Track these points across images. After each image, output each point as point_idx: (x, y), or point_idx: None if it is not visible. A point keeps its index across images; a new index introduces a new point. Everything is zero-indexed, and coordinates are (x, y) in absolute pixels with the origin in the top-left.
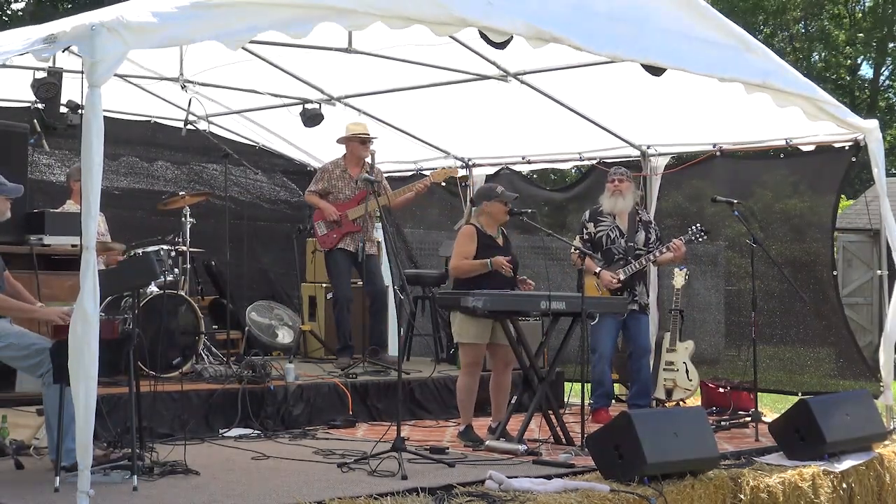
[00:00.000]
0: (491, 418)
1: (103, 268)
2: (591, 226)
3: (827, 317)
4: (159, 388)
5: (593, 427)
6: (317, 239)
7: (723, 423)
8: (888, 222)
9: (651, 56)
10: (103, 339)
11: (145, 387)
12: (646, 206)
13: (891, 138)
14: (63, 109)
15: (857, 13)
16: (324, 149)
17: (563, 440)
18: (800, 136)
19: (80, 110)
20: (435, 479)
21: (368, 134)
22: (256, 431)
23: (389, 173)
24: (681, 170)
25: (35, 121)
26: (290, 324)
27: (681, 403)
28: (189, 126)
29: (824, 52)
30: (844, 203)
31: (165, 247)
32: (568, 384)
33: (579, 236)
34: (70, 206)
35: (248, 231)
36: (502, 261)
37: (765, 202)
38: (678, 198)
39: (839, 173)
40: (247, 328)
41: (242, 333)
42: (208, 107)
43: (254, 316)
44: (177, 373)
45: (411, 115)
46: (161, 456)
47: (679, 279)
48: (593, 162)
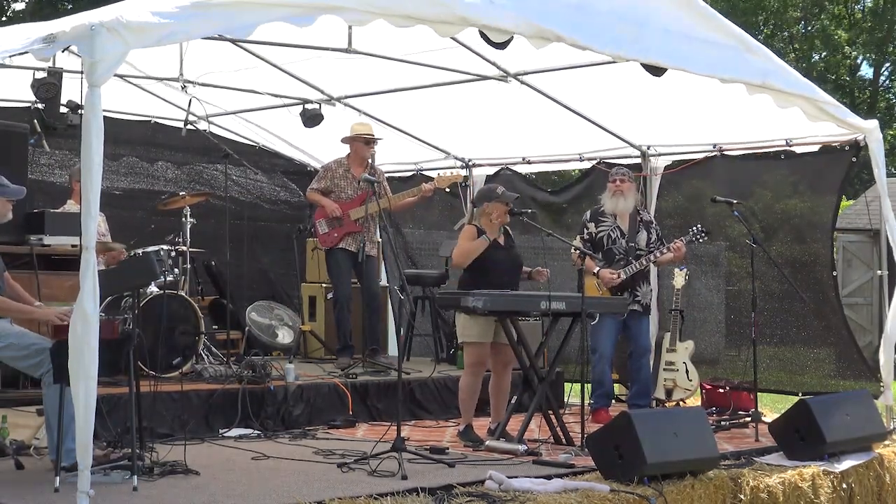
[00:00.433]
0: (490, 419)
1: (103, 268)
2: (591, 226)
3: (827, 317)
4: (159, 388)
5: (593, 427)
6: (317, 238)
7: (723, 423)
8: (888, 222)
9: (652, 56)
10: (103, 339)
11: (145, 387)
12: (646, 206)
13: (891, 138)
14: (63, 109)
15: (857, 13)
16: (324, 149)
17: (563, 440)
18: (800, 136)
19: (80, 110)
20: (435, 479)
21: (373, 135)
22: (256, 431)
23: (389, 174)
24: (681, 170)
25: (35, 121)
26: (290, 324)
27: (681, 403)
28: (189, 126)
29: (824, 52)
30: (844, 203)
31: (165, 247)
32: (568, 384)
33: (580, 236)
34: (71, 206)
35: (248, 231)
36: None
37: (765, 202)
38: (678, 198)
39: (840, 174)
40: (247, 328)
41: (242, 333)
42: (208, 107)
43: (254, 316)
44: (177, 373)
45: (411, 116)
46: (161, 456)
47: (679, 279)
48: (594, 162)
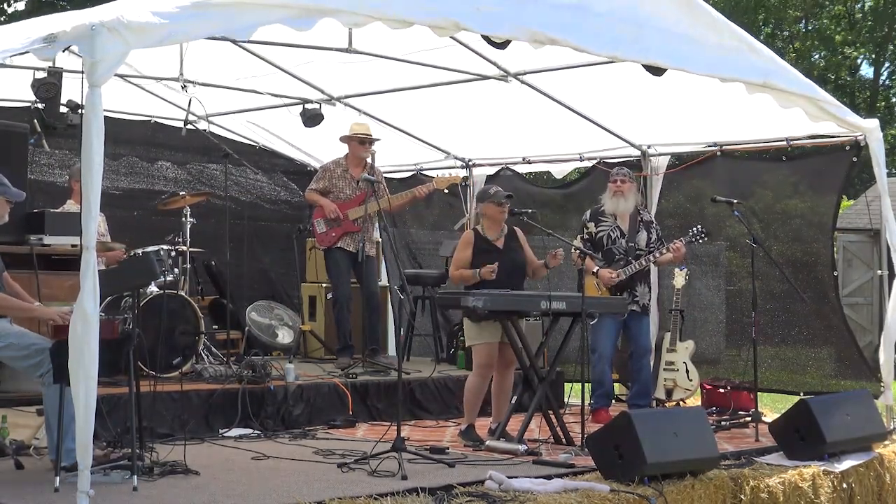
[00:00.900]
0: (491, 419)
1: (103, 268)
2: (591, 225)
3: (827, 317)
4: (159, 388)
5: (593, 427)
6: (315, 237)
7: (723, 423)
8: (889, 222)
9: (652, 57)
10: (103, 339)
11: (145, 387)
12: (646, 206)
13: (891, 138)
14: (63, 109)
15: (857, 13)
16: (324, 149)
17: (563, 440)
18: (800, 136)
19: (80, 110)
20: (435, 479)
21: (369, 135)
22: (256, 431)
23: (389, 174)
24: (681, 170)
25: (35, 121)
26: (290, 324)
27: (681, 403)
28: (189, 126)
29: (824, 51)
30: (845, 203)
31: (165, 247)
32: (568, 384)
33: (580, 236)
34: (71, 206)
35: (248, 231)
36: (486, 271)
37: (765, 202)
38: (679, 198)
39: (840, 173)
40: (247, 328)
41: (242, 333)
42: (208, 107)
43: (254, 316)
44: (177, 373)
45: (411, 116)
46: (161, 456)
47: (679, 279)
48: (594, 162)
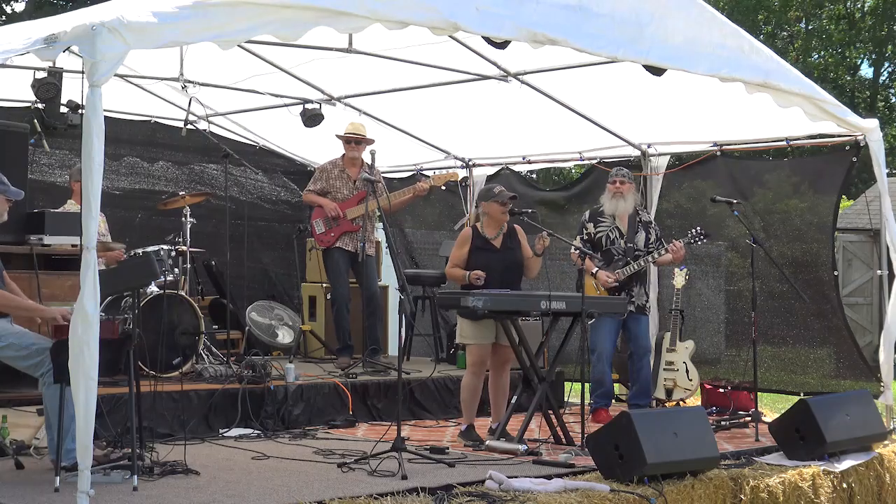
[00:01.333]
0: (491, 419)
1: (103, 268)
2: (590, 226)
3: (827, 317)
4: (159, 388)
5: (593, 427)
6: (313, 237)
7: (723, 423)
8: (889, 222)
9: (652, 57)
10: (103, 339)
11: (145, 387)
12: (646, 206)
13: (890, 138)
14: (63, 109)
15: (857, 12)
16: (324, 149)
17: (563, 440)
18: (800, 136)
19: (80, 110)
20: (435, 479)
21: (357, 135)
22: (256, 431)
23: (389, 173)
24: (681, 170)
25: (35, 121)
26: (290, 324)
27: (681, 403)
28: (189, 126)
29: (824, 51)
30: (845, 203)
31: (165, 247)
32: (568, 384)
33: (579, 236)
34: (71, 206)
35: (248, 231)
36: (473, 276)
37: (765, 202)
38: (679, 198)
39: (840, 173)
40: (247, 328)
41: (242, 333)
42: (208, 107)
43: (254, 316)
44: (177, 373)
45: (411, 116)
46: (161, 456)
47: (679, 279)
48: (593, 162)
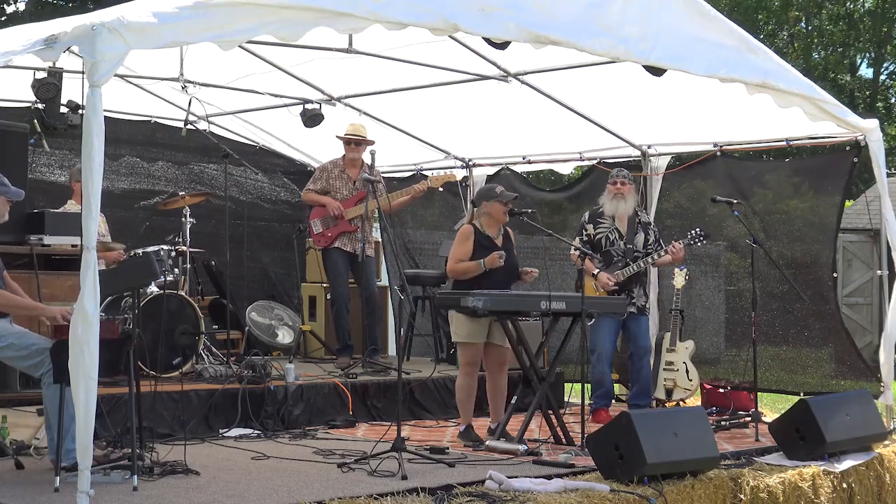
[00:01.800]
0: (490, 419)
1: (103, 268)
2: (590, 227)
3: (827, 317)
4: (159, 388)
5: (593, 427)
6: (312, 237)
7: (723, 423)
8: (889, 222)
9: (652, 57)
10: (103, 339)
11: (145, 387)
12: (646, 206)
13: (890, 138)
14: (63, 109)
15: (856, 12)
16: (324, 149)
17: (563, 440)
18: (800, 136)
19: (80, 110)
20: (435, 479)
21: (357, 136)
22: (256, 431)
23: (389, 174)
24: (681, 170)
25: (35, 121)
26: (290, 324)
27: (681, 403)
28: (189, 126)
29: (824, 51)
30: (846, 203)
31: (165, 247)
32: (568, 384)
33: (578, 237)
34: (71, 207)
35: (248, 231)
36: (494, 257)
37: (766, 202)
38: (679, 198)
39: (842, 174)
40: (247, 328)
41: (242, 333)
42: (208, 107)
43: (254, 316)
44: (177, 373)
45: (411, 116)
46: (161, 456)
47: (679, 279)
48: (593, 162)
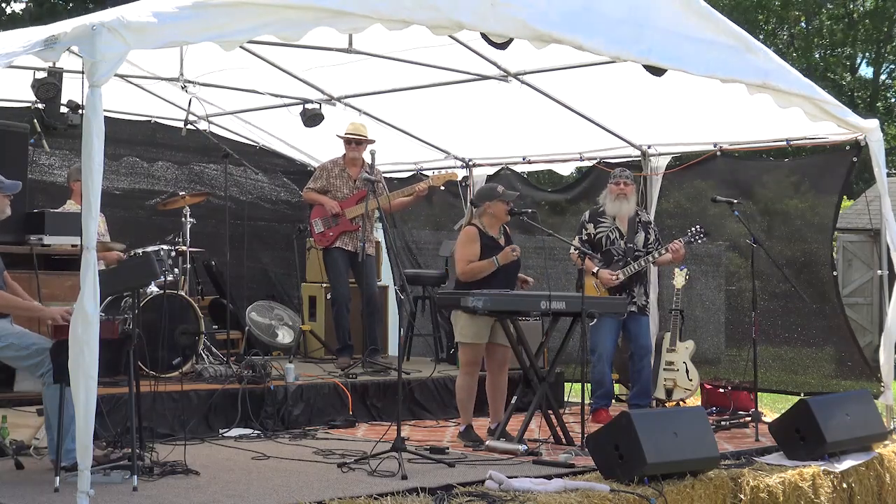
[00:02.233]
0: (490, 419)
1: (103, 268)
2: (590, 226)
3: (827, 317)
4: (159, 388)
5: (593, 427)
6: (312, 237)
7: (723, 423)
8: (889, 222)
9: (653, 57)
10: (103, 339)
11: (145, 387)
12: (646, 206)
13: (890, 138)
14: (63, 109)
15: (856, 12)
16: (324, 149)
17: (563, 440)
18: (800, 136)
19: (80, 110)
20: (435, 479)
21: (358, 135)
22: (256, 431)
23: (389, 173)
24: (681, 170)
25: (35, 121)
26: (290, 324)
27: (681, 403)
28: (189, 126)
29: (824, 51)
30: (845, 203)
31: (165, 247)
32: (568, 384)
33: (578, 237)
34: (70, 207)
35: (248, 231)
36: (508, 251)
37: (765, 202)
38: (679, 198)
39: (841, 174)
40: (247, 328)
41: (242, 333)
42: (208, 107)
43: (254, 316)
44: (177, 373)
45: (411, 116)
46: (161, 456)
47: (680, 279)
48: (593, 162)
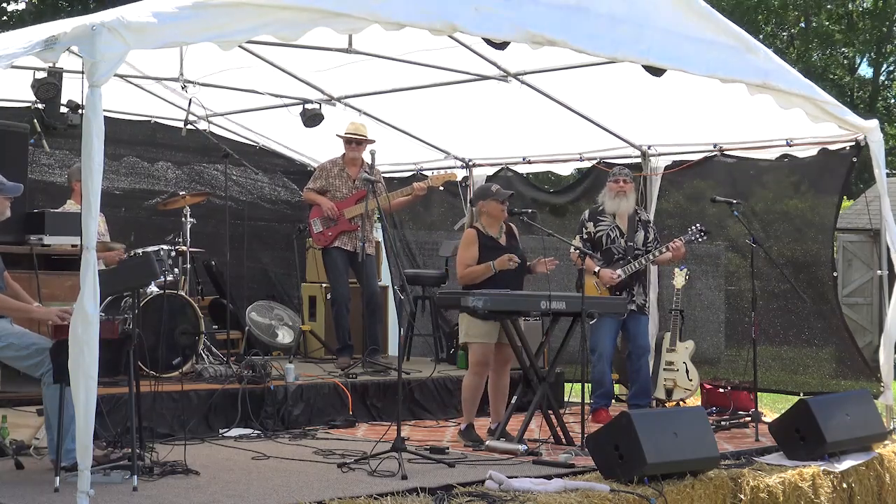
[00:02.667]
0: (490, 419)
1: (103, 268)
2: (590, 225)
3: (827, 317)
4: (159, 388)
5: (593, 427)
6: (312, 237)
7: (723, 423)
8: (889, 222)
9: (652, 57)
10: (103, 339)
11: (145, 387)
12: (646, 206)
13: (889, 138)
14: (63, 109)
15: (856, 12)
16: (324, 149)
17: (563, 440)
18: (800, 136)
19: (80, 110)
20: (435, 479)
21: (361, 135)
22: (256, 431)
23: (389, 173)
24: (681, 170)
25: (35, 121)
26: (290, 324)
27: (681, 403)
28: (189, 126)
29: (824, 51)
30: (845, 203)
31: (165, 247)
32: (568, 384)
33: (578, 236)
34: (70, 206)
35: (248, 231)
36: (505, 259)
37: (765, 202)
38: (679, 198)
39: (841, 174)
40: (247, 328)
41: (242, 333)
42: (208, 107)
43: (254, 316)
44: (177, 373)
45: (411, 116)
46: (161, 456)
47: (679, 279)
48: (594, 162)
